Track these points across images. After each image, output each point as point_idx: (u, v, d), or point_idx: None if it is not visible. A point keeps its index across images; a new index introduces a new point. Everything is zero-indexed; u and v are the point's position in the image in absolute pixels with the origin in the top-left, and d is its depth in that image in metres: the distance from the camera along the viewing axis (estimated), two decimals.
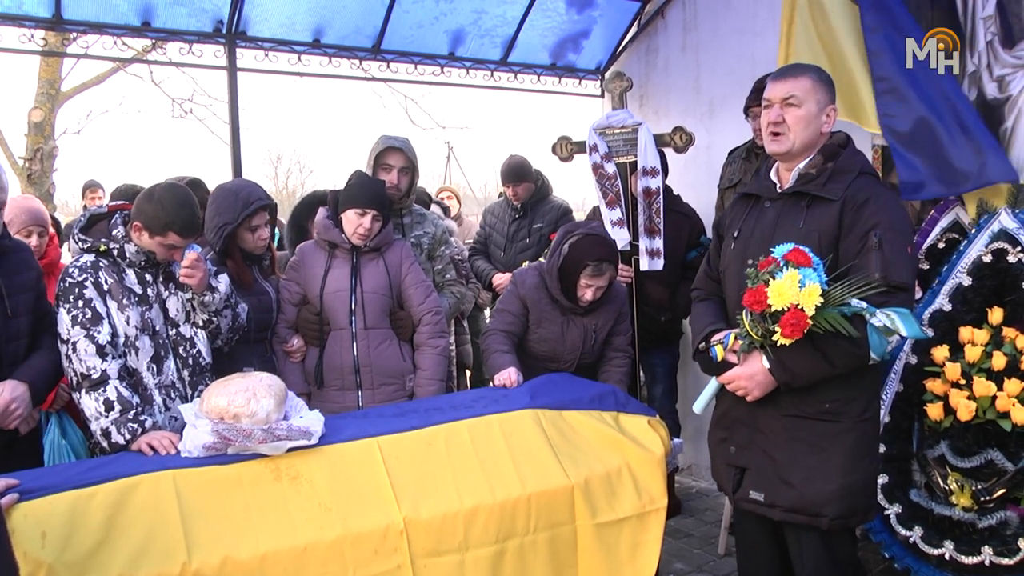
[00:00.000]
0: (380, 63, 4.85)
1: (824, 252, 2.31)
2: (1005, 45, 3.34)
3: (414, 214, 3.71)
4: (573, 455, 2.74)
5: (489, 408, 2.82)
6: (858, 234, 2.30)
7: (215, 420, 2.35)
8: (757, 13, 4.46)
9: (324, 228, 3.27)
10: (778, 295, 2.18)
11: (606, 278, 3.23)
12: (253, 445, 2.33)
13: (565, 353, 3.40)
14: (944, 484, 2.86)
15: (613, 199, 4.10)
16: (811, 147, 2.44)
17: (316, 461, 2.40)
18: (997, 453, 2.72)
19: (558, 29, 5.23)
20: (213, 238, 3.08)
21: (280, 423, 2.41)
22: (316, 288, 3.22)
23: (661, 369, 4.49)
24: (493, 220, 5.12)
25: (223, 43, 4.34)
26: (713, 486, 4.82)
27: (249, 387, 2.42)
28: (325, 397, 3.20)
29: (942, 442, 2.84)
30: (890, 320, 2.16)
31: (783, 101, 2.42)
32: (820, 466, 2.34)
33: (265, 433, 2.34)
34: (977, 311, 2.98)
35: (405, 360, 3.28)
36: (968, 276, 3.00)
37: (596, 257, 3.20)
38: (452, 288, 3.77)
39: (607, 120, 4.17)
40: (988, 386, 2.73)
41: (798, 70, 2.48)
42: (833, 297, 2.19)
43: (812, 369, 2.28)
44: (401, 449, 2.53)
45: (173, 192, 2.67)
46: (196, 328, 2.81)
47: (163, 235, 2.63)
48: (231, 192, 3.14)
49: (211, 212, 3.11)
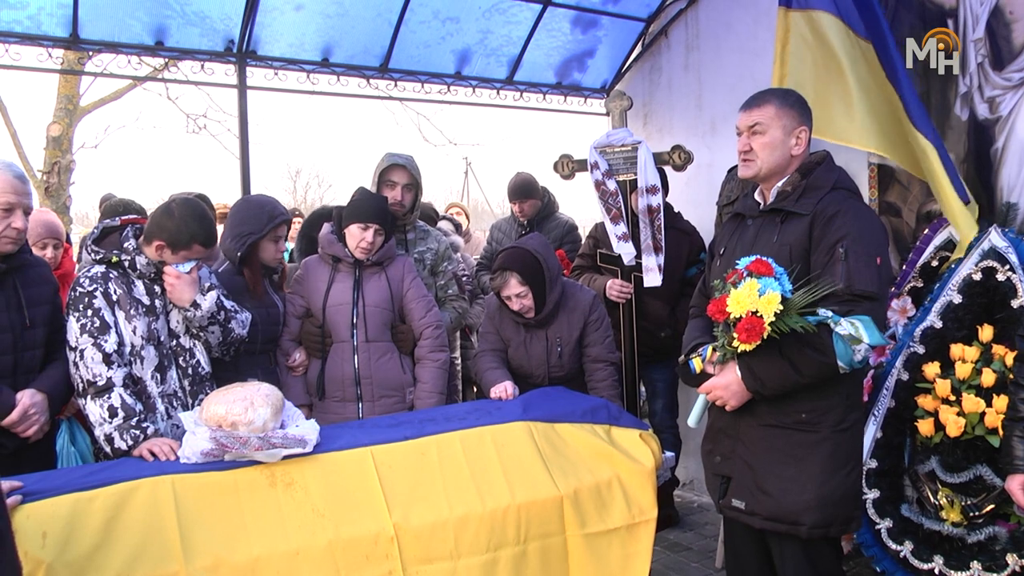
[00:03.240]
0: (388, 81, 4.96)
1: (795, 264, 2.38)
2: (995, 67, 3.41)
3: (418, 230, 3.77)
4: (563, 467, 2.79)
5: (482, 420, 2.88)
6: (826, 246, 2.37)
7: (213, 427, 2.43)
8: (757, 34, 4.53)
9: (328, 242, 3.35)
10: (736, 303, 2.26)
11: (513, 286, 3.28)
12: (249, 452, 2.40)
13: (533, 368, 3.45)
14: (934, 499, 2.89)
15: (617, 215, 4.16)
16: (782, 169, 2.54)
17: (310, 468, 2.47)
18: (986, 469, 2.75)
19: (563, 49, 5.32)
20: (234, 245, 3.15)
21: (276, 431, 2.48)
22: (319, 301, 3.28)
23: (661, 384, 4.53)
24: (500, 236, 5.19)
25: (234, 62, 4.46)
26: (707, 499, 4.88)
27: (247, 396, 2.50)
28: (326, 408, 3.26)
29: (933, 458, 2.87)
30: (854, 328, 2.21)
31: (749, 129, 2.55)
32: (796, 475, 2.39)
33: (261, 441, 2.42)
34: (968, 328, 3.01)
35: (405, 373, 3.33)
36: (959, 294, 3.03)
37: (494, 268, 3.29)
38: (454, 303, 3.82)
39: (607, 139, 4.23)
40: (977, 403, 2.76)
41: (762, 98, 2.59)
42: (794, 303, 2.26)
43: (780, 377, 2.35)
44: (394, 458, 2.59)
45: (191, 207, 2.79)
46: (195, 339, 2.89)
47: (188, 248, 2.74)
48: (256, 204, 3.25)
49: (234, 221, 3.20)
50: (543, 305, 3.37)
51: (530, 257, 3.34)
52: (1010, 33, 3.34)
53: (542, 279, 3.35)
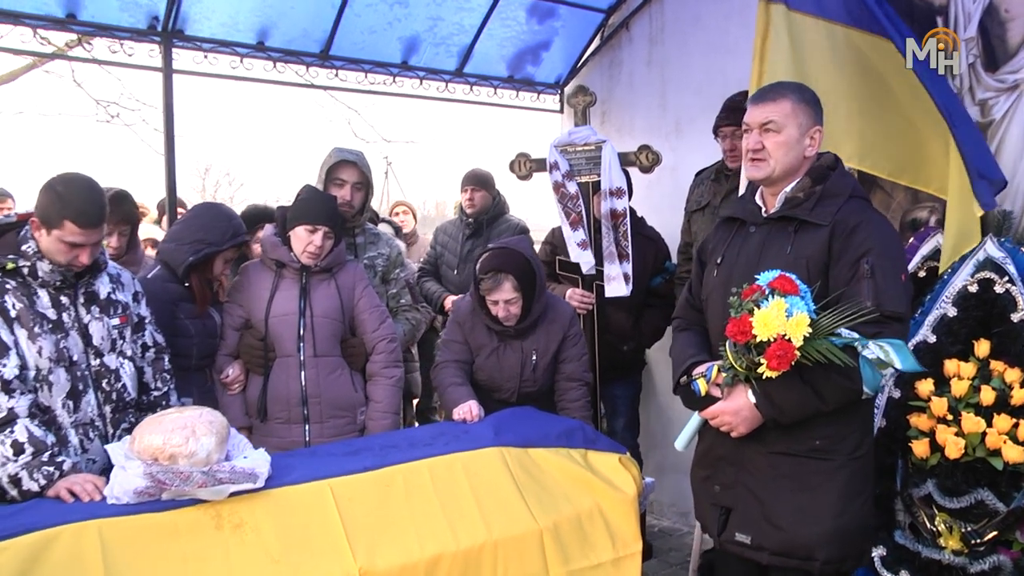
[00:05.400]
0: (329, 70, 4.72)
1: (812, 280, 2.29)
2: (988, 68, 3.40)
3: (367, 233, 3.66)
4: (541, 497, 2.71)
5: (450, 446, 2.78)
6: (849, 261, 2.28)
7: (148, 461, 2.22)
8: (728, 29, 4.47)
9: (271, 246, 3.19)
10: (763, 325, 2.15)
11: (507, 290, 3.17)
12: (191, 489, 2.22)
13: (503, 381, 3.36)
14: (931, 525, 2.86)
15: (576, 219, 4.05)
16: (794, 171, 2.43)
17: (262, 506, 2.30)
18: (988, 493, 2.70)
19: (517, 40, 5.17)
20: (186, 250, 3.01)
21: (222, 464, 2.31)
22: (261, 311, 3.13)
23: (622, 401, 4.42)
24: (445, 239, 5.02)
25: (158, 42, 4.14)
26: (678, 524, 4.82)
27: (187, 424, 2.31)
28: (268, 431, 3.11)
29: (929, 481, 2.83)
30: (884, 352, 2.13)
31: (762, 127, 2.42)
32: (810, 506, 2.31)
33: (205, 476, 2.23)
34: (963, 343, 2.98)
35: (357, 391, 3.22)
36: (953, 307, 3.01)
37: (487, 269, 3.18)
38: (407, 314, 3.72)
39: (569, 137, 4.12)
40: (977, 422, 2.72)
41: (777, 92, 2.47)
42: (822, 327, 2.16)
43: (801, 404, 2.26)
44: (355, 492, 2.46)
45: (72, 178, 2.45)
46: (124, 359, 2.63)
47: (60, 227, 2.39)
48: (223, 215, 3.18)
49: (193, 226, 3.09)
50: (527, 314, 3.26)
51: (524, 261, 3.24)
52: (1005, 32, 3.33)
53: (533, 286, 3.24)
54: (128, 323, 2.65)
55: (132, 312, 2.68)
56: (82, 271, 2.51)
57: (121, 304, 2.64)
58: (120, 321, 2.61)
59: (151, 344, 2.75)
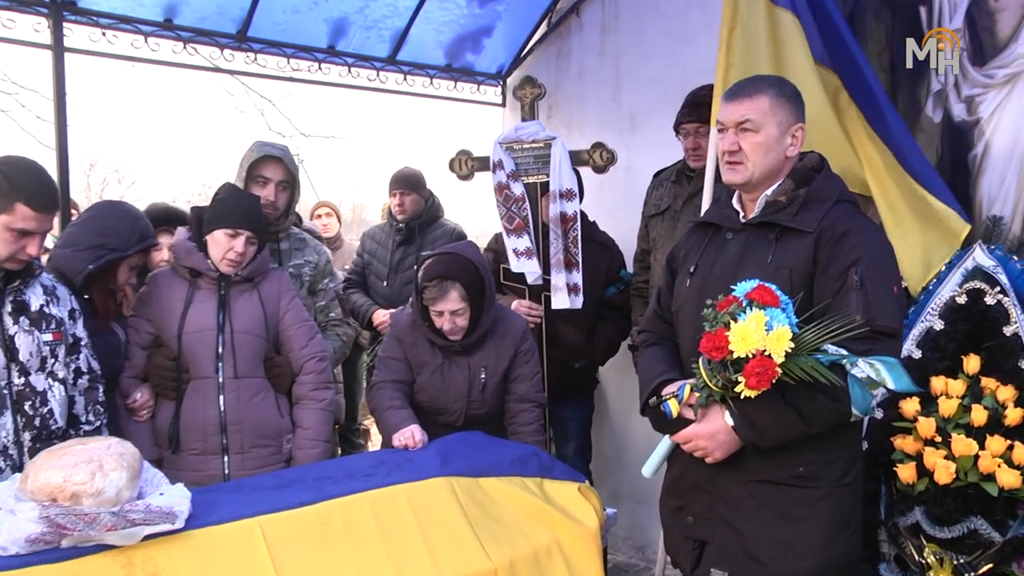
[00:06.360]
0: (246, 53, 4.62)
1: (795, 291, 2.30)
2: (975, 62, 3.47)
3: (293, 239, 3.63)
4: (494, 531, 2.70)
5: (393, 476, 2.76)
6: (836, 271, 2.30)
7: (45, 503, 2.12)
8: (689, 16, 4.53)
9: (185, 252, 3.13)
10: (741, 340, 2.15)
11: (453, 300, 3.17)
12: (98, 534, 2.13)
13: (449, 402, 3.35)
14: (920, 557, 2.90)
15: (521, 225, 4.05)
16: (775, 174, 2.46)
17: (181, 551, 2.24)
18: (981, 522, 2.74)
19: (456, 24, 5.16)
20: (85, 257, 2.91)
21: (134, 503, 2.23)
22: (173, 327, 3.08)
23: (573, 424, 4.44)
24: (373, 246, 4.98)
25: (46, 14, 3.99)
26: (634, 560, 4.85)
27: (93, 457, 2.21)
28: (181, 464, 3.05)
29: (916, 508, 2.87)
30: (875, 370, 2.15)
31: (737, 126, 2.44)
32: (794, 539, 2.33)
33: (115, 517, 2.15)
34: (951, 359, 3.03)
35: (283, 416, 3.19)
36: (940, 319, 3.07)
37: (431, 275, 3.18)
38: (337, 329, 3.70)
39: (515, 133, 4.14)
40: (969, 444, 2.74)
41: (754, 87, 2.49)
42: (806, 342, 2.18)
43: (784, 427, 2.27)
44: (288, 531, 2.42)
45: (18, 160, 2.47)
46: (54, 381, 2.56)
47: (9, 212, 2.38)
48: (129, 216, 3.09)
49: (93, 229, 2.99)
50: (475, 327, 3.25)
51: (472, 268, 3.23)
52: (994, 24, 3.39)
53: (483, 296, 3.24)
54: (62, 341, 2.60)
55: (67, 331, 2.62)
56: (11, 275, 2.47)
57: (55, 319, 2.59)
58: (53, 338, 2.56)
59: (86, 370, 2.70)
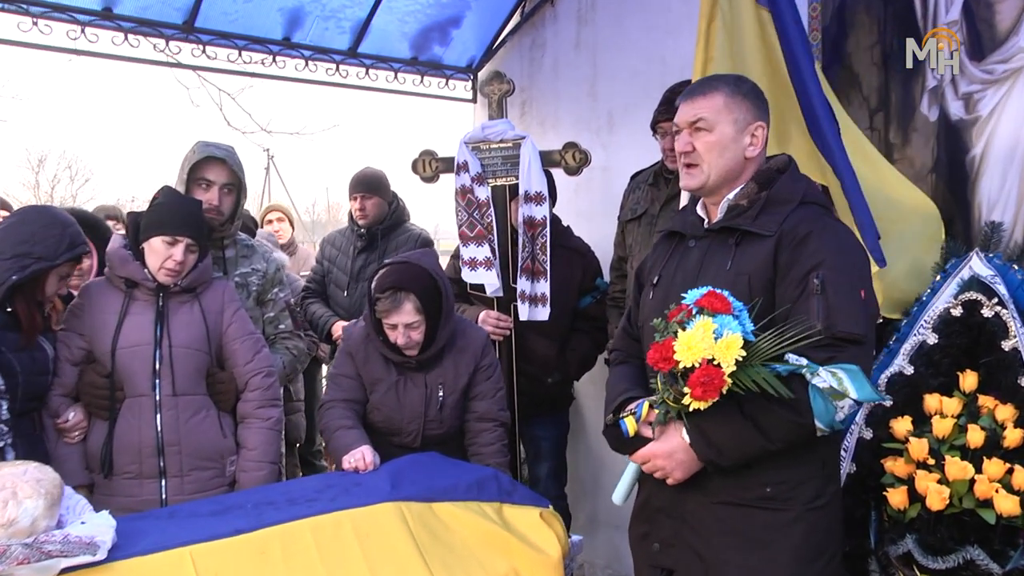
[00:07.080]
0: (194, 45, 4.63)
1: (755, 298, 2.32)
2: (973, 57, 3.49)
3: (239, 245, 3.64)
4: (447, 560, 2.71)
5: (338, 501, 2.78)
6: (796, 276, 2.32)
7: None
8: (670, 7, 4.56)
9: (120, 261, 3.14)
10: (687, 349, 2.16)
11: (407, 312, 3.20)
12: (8, 568, 2.13)
13: (404, 422, 3.37)
14: None
15: (482, 233, 4.03)
16: (735, 176, 2.49)
17: None
18: (978, 551, 2.71)
19: (422, 14, 5.19)
20: (9, 267, 2.89)
21: (51, 533, 2.24)
22: (107, 341, 3.08)
23: (547, 444, 4.46)
24: (333, 253, 5.00)
25: None
26: None
27: (5, 484, 2.24)
28: (115, 489, 3.07)
29: (908, 536, 2.84)
30: (837, 380, 2.16)
31: (691, 126, 2.48)
32: (762, 566, 2.34)
33: (27, 549, 2.16)
34: (945, 375, 3.04)
35: (226, 437, 3.20)
36: (934, 333, 3.08)
37: (384, 287, 3.21)
38: (288, 342, 3.71)
39: (482, 132, 4.15)
40: (964, 467, 2.73)
41: (708, 85, 2.54)
42: (760, 350, 2.19)
43: (742, 443, 2.28)
44: (222, 561, 2.43)
45: None
46: None
47: None
48: (57, 222, 3.04)
49: (17, 236, 2.95)
50: (432, 341, 3.28)
51: (428, 278, 3.26)
52: (993, 16, 3.41)
53: (439, 308, 3.26)
54: None
55: None
56: None
57: None
58: None
59: None
